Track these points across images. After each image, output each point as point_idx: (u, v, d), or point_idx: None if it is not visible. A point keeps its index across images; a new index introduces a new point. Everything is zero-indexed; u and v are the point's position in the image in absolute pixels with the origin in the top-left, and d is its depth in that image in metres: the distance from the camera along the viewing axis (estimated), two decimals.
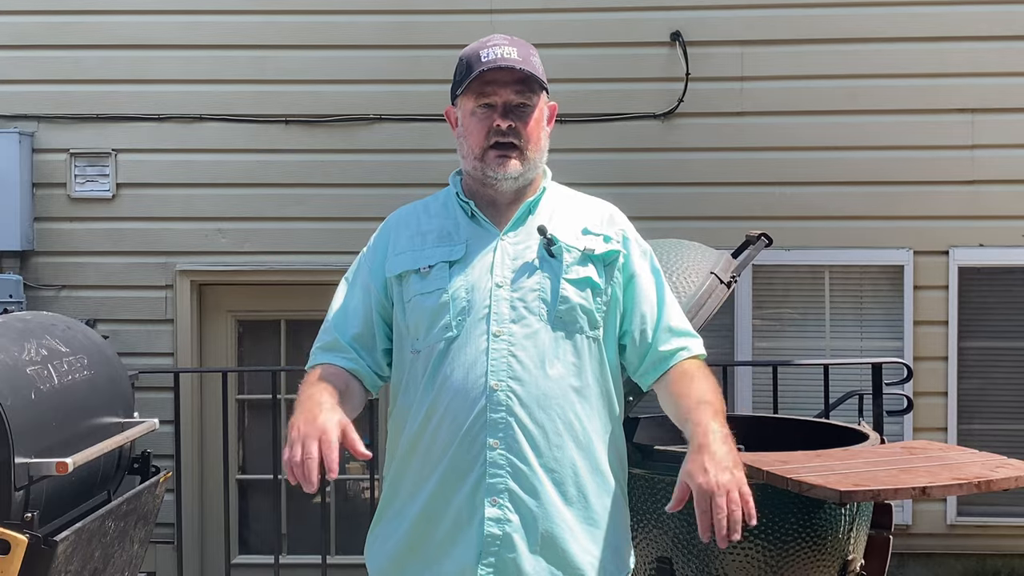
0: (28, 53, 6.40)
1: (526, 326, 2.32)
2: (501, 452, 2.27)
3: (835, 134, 6.23)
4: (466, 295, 2.34)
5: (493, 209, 2.44)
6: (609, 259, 2.42)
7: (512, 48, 2.39)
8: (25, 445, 3.00)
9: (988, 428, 6.23)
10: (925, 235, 6.19)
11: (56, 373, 3.32)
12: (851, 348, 6.25)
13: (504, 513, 2.27)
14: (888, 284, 6.25)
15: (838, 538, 3.30)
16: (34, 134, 6.35)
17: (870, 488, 2.83)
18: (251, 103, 6.35)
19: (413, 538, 2.34)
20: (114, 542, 3.42)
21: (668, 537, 3.30)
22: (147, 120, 6.37)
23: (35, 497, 3.05)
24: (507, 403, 2.28)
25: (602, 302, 2.39)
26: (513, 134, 2.37)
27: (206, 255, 6.37)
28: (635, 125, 6.28)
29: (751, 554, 3.23)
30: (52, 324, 3.63)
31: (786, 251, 6.07)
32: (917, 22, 6.21)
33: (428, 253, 2.40)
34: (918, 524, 6.17)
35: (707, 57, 6.24)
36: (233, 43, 6.36)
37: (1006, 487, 2.94)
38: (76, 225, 6.38)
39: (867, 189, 6.22)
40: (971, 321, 6.21)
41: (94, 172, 6.37)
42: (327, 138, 6.36)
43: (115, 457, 3.67)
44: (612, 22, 6.30)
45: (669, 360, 2.43)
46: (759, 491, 3.19)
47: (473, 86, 2.38)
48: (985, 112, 6.18)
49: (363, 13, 6.35)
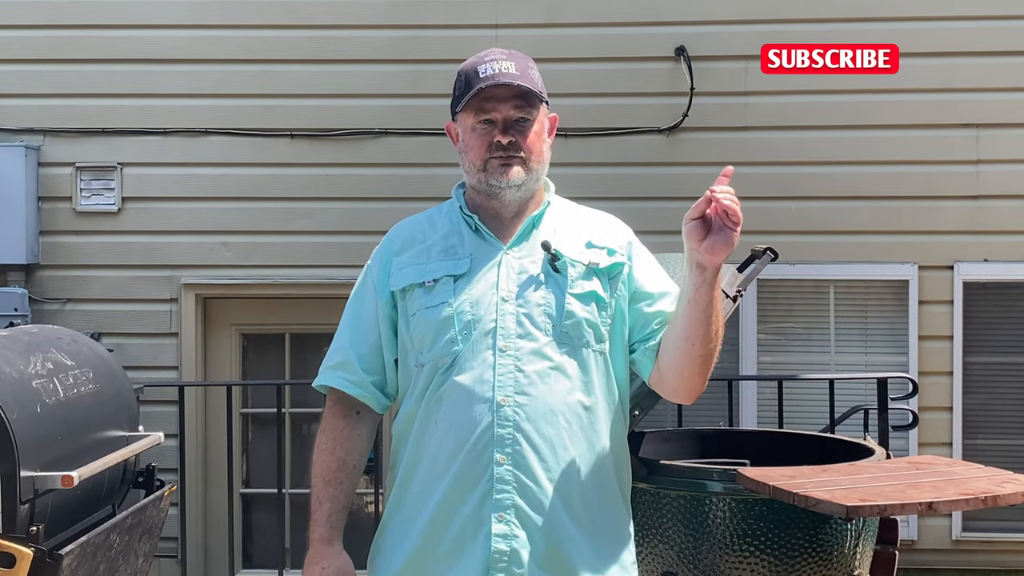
0: (34, 67, 6.42)
1: (532, 341, 2.32)
2: (508, 468, 2.27)
3: (840, 149, 6.24)
4: (471, 309, 2.34)
5: (497, 223, 2.44)
6: (614, 272, 2.42)
7: (510, 62, 2.39)
8: (31, 458, 3.00)
9: (993, 443, 6.22)
10: (930, 250, 6.19)
11: (62, 386, 3.32)
12: (856, 363, 6.24)
13: (511, 529, 2.27)
14: (893, 299, 6.24)
15: (844, 553, 3.30)
16: (40, 148, 6.37)
17: (876, 503, 2.83)
18: (257, 117, 6.37)
19: (417, 551, 2.34)
20: (119, 556, 3.42)
21: (673, 552, 3.30)
22: (153, 134, 6.39)
23: (40, 510, 3.05)
24: (514, 418, 2.28)
25: (607, 316, 2.39)
26: (514, 149, 2.38)
27: (211, 268, 6.37)
28: (640, 140, 6.29)
29: (757, 569, 3.22)
30: (58, 337, 3.63)
31: (791, 265, 6.07)
32: (922, 37, 6.22)
33: (433, 267, 2.40)
34: (923, 540, 6.15)
35: (711, 72, 6.25)
36: (239, 58, 6.38)
37: (1012, 502, 2.93)
38: (81, 239, 6.39)
39: (872, 204, 6.22)
40: (976, 336, 6.20)
41: (99, 186, 6.38)
42: (332, 152, 6.37)
43: (120, 471, 3.67)
44: (617, 37, 6.31)
45: None
46: (765, 506, 3.21)
47: (472, 103, 2.38)
48: (990, 127, 6.18)
49: (368, 28, 6.36)
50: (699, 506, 3.26)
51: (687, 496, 3.28)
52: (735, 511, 3.23)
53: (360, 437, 2.47)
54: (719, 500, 3.24)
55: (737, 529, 3.23)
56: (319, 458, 2.46)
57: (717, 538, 3.24)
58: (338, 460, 2.45)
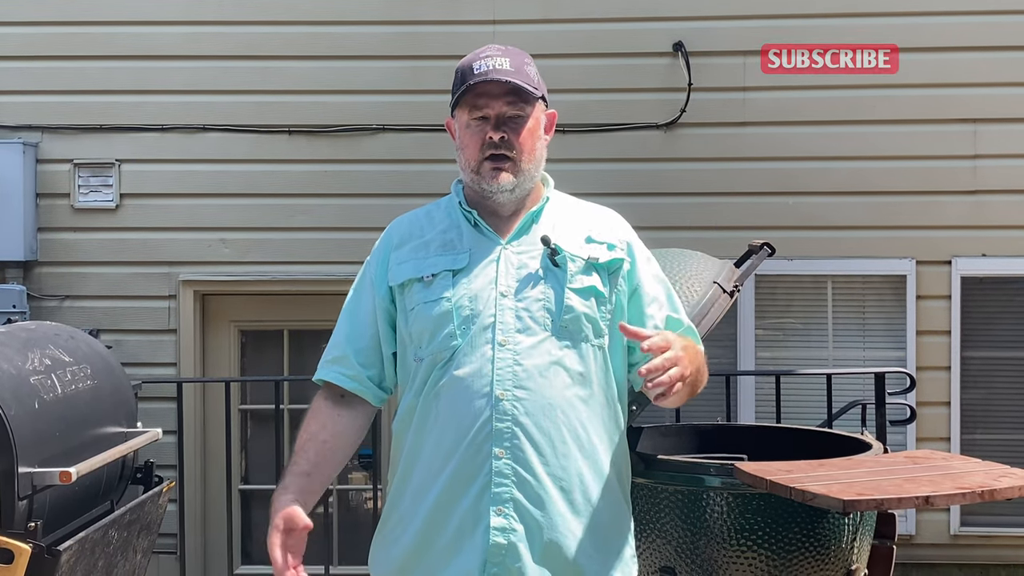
0: (32, 64, 6.41)
1: (531, 335, 2.32)
2: (507, 462, 2.28)
3: (837, 144, 6.24)
4: (470, 304, 2.34)
5: (496, 218, 2.45)
6: (613, 267, 2.43)
7: (505, 59, 2.39)
8: (29, 455, 3.00)
9: (991, 438, 6.22)
10: (928, 245, 6.19)
11: (60, 383, 3.32)
12: (854, 358, 6.24)
13: (509, 523, 2.27)
14: (891, 294, 6.24)
15: (842, 548, 3.30)
16: (38, 144, 6.36)
17: (874, 497, 2.83)
18: (254, 113, 6.36)
19: (416, 544, 2.35)
20: (117, 552, 3.42)
21: (671, 546, 3.30)
22: (150, 130, 6.38)
23: (39, 507, 3.05)
24: (512, 412, 2.28)
25: (607, 311, 2.40)
26: (505, 146, 2.38)
27: (209, 265, 6.37)
28: (637, 135, 6.29)
29: (754, 564, 3.23)
30: (56, 334, 3.63)
31: (788, 261, 6.07)
32: (920, 31, 6.22)
33: (432, 262, 2.40)
34: (921, 534, 6.15)
35: (709, 67, 6.24)
36: (236, 54, 6.37)
37: (1010, 496, 2.93)
38: (79, 235, 6.39)
39: (870, 199, 6.22)
40: (974, 331, 6.21)
41: (97, 182, 6.38)
42: (330, 148, 6.37)
43: (118, 467, 3.67)
44: (614, 32, 6.30)
45: None
46: (763, 500, 3.21)
47: (466, 99, 2.39)
48: (988, 122, 6.18)
49: (366, 24, 6.36)
50: (697, 501, 3.27)
51: (685, 491, 3.28)
52: (733, 506, 3.23)
53: (340, 417, 2.45)
54: (717, 495, 3.25)
55: (735, 524, 3.23)
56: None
57: (715, 533, 3.25)
58: (308, 433, 2.45)
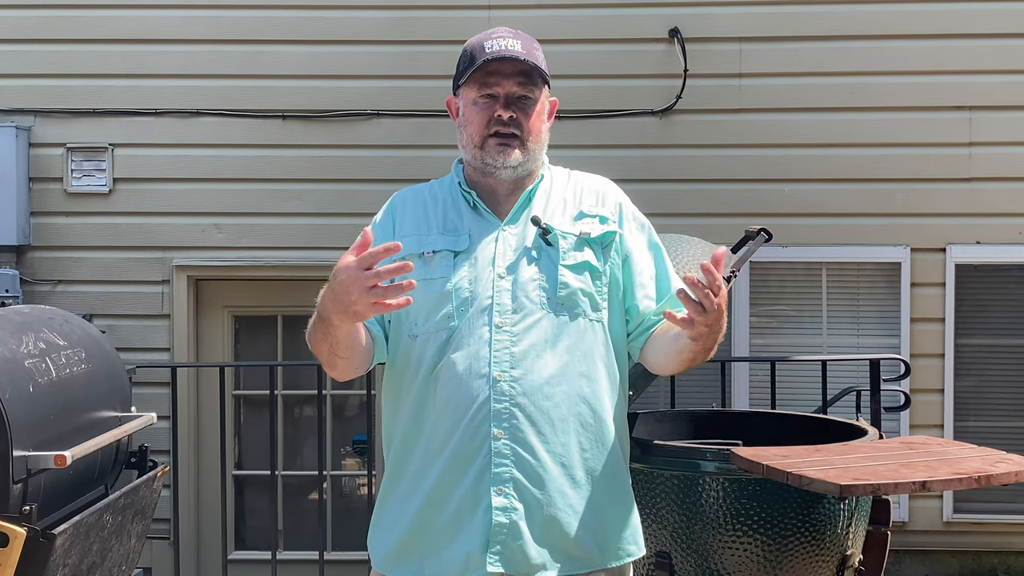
0: (25, 47, 6.38)
1: (528, 315, 2.33)
2: (505, 442, 2.28)
3: (833, 131, 6.23)
4: (469, 286, 2.35)
5: (493, 199, 2.45)
6: (606, 241, 2.44)
7: (516, 40, 2.41)
8: (23, 438, 2.99)
9: (985, 425, 6.24)
10: (922, 232, 6.19)
11: (54, 366, 3.31)
12: (848, 345, 6.25)
13: (510, 502, 2.28)
14: (885, 281, 6.25)
15: (837, 533, 3.31)
16: (31, 128, 6.34)
17: (870, 482, 2.83)
18: (248, 98, 6.34)
19: (416, 525, 2.35)
20: (112, 536, 3.41)
21: (667, 532, 3.30)
22: (144, 115, 6.36)
23: (33, 490, 3.04)
24: (510, 392, 2.29)
25: (602, 284, 2.41)
26: (514, 125, 2.38)
27: (203, 250, 6.36)
28: (633, 122, 6.28)
29: (750, 549, 3.23)
30: (50, 318, 3.62)
31: (783, 248, 6.07)
32: (915, 19, 6.21)
33: (433, 239, 2.41)
34: (915, 521, 6.17)
35: (705, 54, 6.23)
36: (230, 38, 6.35)
37: (1005, 482, 2.94)
38: (73, 220, 6.37)
39: (865, 186, 6.22)
40: (968, 318, 6.22)
41: (91, 167, 6.35)
42: (325, 133, 6.35)
43: (113, 451, 3.66)
44: (610, 18, 6.29)
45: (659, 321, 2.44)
46: (758, 485, 3.21)
47: (476, 76, 2.38)
48: (983, 109, 6.18)
49: (361, 8, 6.34)
50: (692, 486, 3.27)
51: (680, 476, 3.28)
52: (728, 491, 3.24)
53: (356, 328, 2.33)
54: (712, 480, 3.25)
55: (730, 509, 3.23)
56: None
57: (710, 518, 3.25)
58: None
